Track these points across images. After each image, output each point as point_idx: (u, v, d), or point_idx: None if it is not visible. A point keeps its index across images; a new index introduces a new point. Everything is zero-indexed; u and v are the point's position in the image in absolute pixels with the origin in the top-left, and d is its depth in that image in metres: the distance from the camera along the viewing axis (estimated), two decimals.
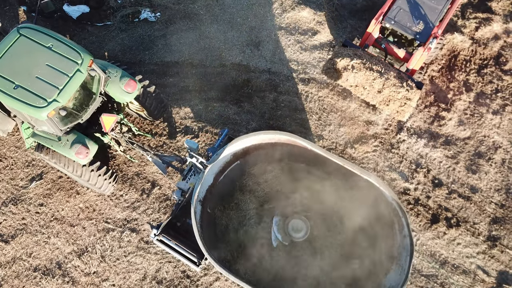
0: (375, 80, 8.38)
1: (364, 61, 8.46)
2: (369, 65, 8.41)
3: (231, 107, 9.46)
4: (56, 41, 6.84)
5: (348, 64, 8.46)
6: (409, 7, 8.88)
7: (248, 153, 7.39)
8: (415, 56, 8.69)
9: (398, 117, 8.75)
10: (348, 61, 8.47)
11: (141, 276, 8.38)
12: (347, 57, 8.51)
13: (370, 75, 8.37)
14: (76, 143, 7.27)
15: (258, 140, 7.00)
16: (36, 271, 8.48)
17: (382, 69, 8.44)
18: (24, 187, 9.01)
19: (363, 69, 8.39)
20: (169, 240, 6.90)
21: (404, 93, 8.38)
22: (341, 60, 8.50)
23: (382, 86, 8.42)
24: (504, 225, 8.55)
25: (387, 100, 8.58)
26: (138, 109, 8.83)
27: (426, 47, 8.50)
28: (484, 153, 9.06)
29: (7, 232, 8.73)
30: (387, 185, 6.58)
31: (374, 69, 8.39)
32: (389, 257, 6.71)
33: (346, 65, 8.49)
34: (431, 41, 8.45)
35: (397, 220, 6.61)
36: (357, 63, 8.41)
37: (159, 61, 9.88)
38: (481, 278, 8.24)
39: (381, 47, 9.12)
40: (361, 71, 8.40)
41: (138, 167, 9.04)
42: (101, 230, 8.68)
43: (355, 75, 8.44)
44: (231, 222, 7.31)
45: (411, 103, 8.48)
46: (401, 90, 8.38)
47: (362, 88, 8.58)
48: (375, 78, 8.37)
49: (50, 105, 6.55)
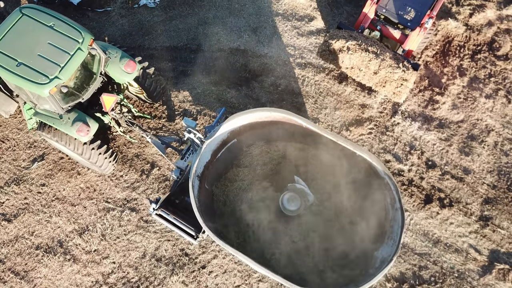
0: (371, 61, 8.35)
1: (359, 42, 8.42)
2: (364, 46, 8.37)
3: (228, 91, 9.64)
4: (57, 20, 7.03)
5: (344, 45, 8.43)
6: None
7: (245, 131, 7.57)
8: (411, 37, 8.72)
9: (395, 99, 8.75)
10: (343, 42, 8.43)
11: (141, 254, 8.57)
12: (342, 38, 8.48)
13: (365, 56, 8.33)
14: (77, 121, 7.46)
15: (254, 117, 7.17)
16: (38, 249, 8.68)
17: (377, 50, 8.41)
18: (26, 168, 9.21)
19: (359, 50, 8.35)
20: (167, 215, 7.09)
21: (401, 74, 8.36)
22: (336, 41, 8.47)
23: (378, 67, 8.38)
24: (496, 206, 8.74)
25: (383, 81, 8.56)
26: (138, 91, 9.02)
27: (422, 27, 8.54)
28: (477, 136, 9.24)
29: (9, 211, 8.93)
30: (379, 160, 6.75)
31: (369, 50, 8.35)
32: (382, 231, 6.89)
33: (342, 47, 8.46)
34: (427, 21, 8.47)
35: (389, 194, 6.80)
36: (352, 45, 8.37)
37: (158, 46, 10.07)
38: (473, 256, 8.43)
39: (376, 28, 9.13)
40: (356, 53, 8.36)
41: (138, 149, 9.24)
42: (102, 209, 8.88)
43: (350, 57, 8.42)
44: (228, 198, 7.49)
45: (407, 84, 8.45)
46: (397, 71, 8.35)
47: (358, 70, 8.56)
48: (371, 59, 8.34)
49: (52, 82, 6.75)
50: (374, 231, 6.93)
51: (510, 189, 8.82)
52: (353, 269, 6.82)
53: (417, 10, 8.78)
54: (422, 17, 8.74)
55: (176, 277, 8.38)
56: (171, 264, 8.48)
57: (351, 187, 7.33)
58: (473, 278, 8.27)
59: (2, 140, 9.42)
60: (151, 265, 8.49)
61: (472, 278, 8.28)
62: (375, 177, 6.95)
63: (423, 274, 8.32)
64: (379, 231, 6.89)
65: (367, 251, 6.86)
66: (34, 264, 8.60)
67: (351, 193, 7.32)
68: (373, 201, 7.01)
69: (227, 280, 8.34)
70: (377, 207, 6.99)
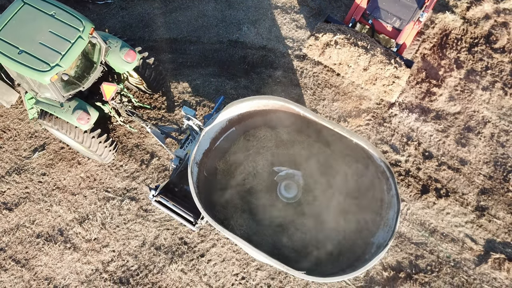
0: (360, 57, 7.85)
1: (348, 36, 7.90)
2: (353, 40, 7.87)
3: (228, 82, 9.74)
4: (58, 9, 7.12)
5: (331, 39, 7.93)
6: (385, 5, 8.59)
7: (243, 120, 7.66)
8: (405, 31, 8.48)
9: (386, 98, 8.22)
10: (331, 36, 7.91)
11: (140, 242, 8.67)
12: (330, 32, 7.99)
13: (355, 51, 7.81)
14: (78, 109, 7.55)
15: (253, 105, 7.26)
16: (39, 237, 8.78)
17: (368, 45, 7.90)
18: (27, 158, 9.31)
19: (347, 44, 7.84)
20: (166, 201, 7.18)
21: (392, 71, 7.85)
22: (323, 35, 7.97)
23: (368, 63, 7.89)
24: (492, 196, 8.82)
25: (373, 78, 8.05)
26: (137, 82, 9.11)
27: (416, 21, 8.35)
28: (473, 127, 9.33)
29: (11, 200, 9.03)
30: (375, 147, 6.84)
31: (359, 44, 7.84)
32: (378, 217, 6.99)
33: (329, 41, 7.95)
34: (421, 15, 8.28)
35: (385, 181, 6.89)
36: (340, 39, 7.86)
37: (158, 38, 10.16)
38: (469, 246, 8.51)
39: (368, 23, 8.78)
40: (345, 47, 7.85)
41: (138, 139, 9.33)
42: (102, 198, 8.97)
43: (338, 52, 7.93)
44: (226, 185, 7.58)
45: (399, 81, 7.94)
46: (389, 67, 7.84)
47: (347, 66, 8.07)
48: (360, 54, 7.83)
49: (53, 69, 6.83)
50: (371, 218, 7.03)
51: (506, 179, 8.91)
52: (350, 254, 6.91)
53: (402, 19, 8.41)
54: (406, 25, 8.38)
55: (175, 265, 8.47)
56: (170, 252, 8.57)
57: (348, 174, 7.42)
58: (469, 267, 8.36)
59: (3, 130, 9.51)
60: (151, 254, 8.59)
61: (468, 267, 8.36)
62: (371, 164, 7.05)
63: (420, 263, 8.41)
64: (376, 218, 6.98)
65: (363, 237, 6.95)
66: (35, 252, 8.69)
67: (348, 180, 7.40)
68: (370, 188, 7.10)
69: (225, 268, 8.43)
70: (373, 194, 7.08)
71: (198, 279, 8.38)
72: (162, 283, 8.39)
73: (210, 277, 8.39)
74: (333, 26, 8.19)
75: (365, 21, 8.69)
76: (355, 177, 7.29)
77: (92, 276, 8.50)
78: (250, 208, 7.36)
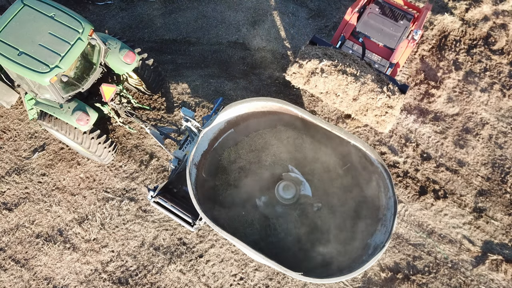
0: (348, 86, 7.03)
1: (335, 62, 7.07)
2: (341, 67, 7.04)
3: (227, 83, 9.77)
4: (58, 10, 7.17)
5: (317, 67, 7.07)
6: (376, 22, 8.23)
7: (242, 122, 7.70)
8: (399, 49, 7.82)
9: (379, 129, 7.45)
10: (317, 63, 7.06)
11: (139, 243, 8.71)
12: (315, 58, 7.14)
13: (343, 79, 6.99)
14: (77, 110, 7.59)
15: (251, 107, 7.29)
16: (39, 237, 8.82)
17: (357, 71, 7.08)
18: (27, 158, 9.35)
19: (335, 72, 6.99)
20: (165, 202, 7.22)
21: (385, 100, 7.05)
22: (308, 62, 7.10)
23: (357, 93, 7.08)
24: (489, 197, 8.85)
25: (364, 109, 7.28)
26: (137, 83, 9.15)
27: (410, 39, 7.84)
28: (471, 129, 9.36)
29: (10, 200, 9.08)
30: (372, 149, 6.87)
31: (347, 72, 7.01)
32: (375, 219, 7.02)
33: (314, 68, 7.10)
34: (415, 32, 7.74)
35: (382, 183, 6.92)
36: (327, 66, 7.02)
37: (158, 39, 10.20)
38: (466, 247, 8.54)
39: (358, 41, 8.14)
40: (332, 75, 7.00)
41: (137, 140, 9.37)
42: (101, 199, 9.01)
43: (325, 80, 7.09)
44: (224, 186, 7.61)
45: (393, 111, 7.19)
46: (381, 96, 7.03)
47: (334, 95, 7.24)
48: (349, 83, 7.02)
49: (53, 70, 6.88)
50: (368, 220, 7.06)
51: (504, 181, 8.94)
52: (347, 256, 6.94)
53: (394, 37, 7.99)
54: (399, 43, 7.97)
55: (173, 265, 8.51)
56: (169, 253, 8.61)
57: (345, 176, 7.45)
58: (467, 269, 8.39)
59: (3, 130, 9.56)
60: (149, 254, 8.63)
61: (466, 269, 8.39)
62: (369, 166, 7.07)
63: (417, 264, 8.44)
64: (373, 220, 7.01)
65: (361, 239, 6.98)
66: (35, 252, 8.73)
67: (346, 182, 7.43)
68: (367, 189, 7.13)
69: (224, 269, 8.47)
70: (371, 195, 7.11)
71: (197, 280, 8.42)
72: (161, 284, 8.43)
73: (208, 277, 8.43)
74: (319, 49, 7.38)
75: (355, 40, 8.14)
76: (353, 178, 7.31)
77: (91, 276, 8.54)
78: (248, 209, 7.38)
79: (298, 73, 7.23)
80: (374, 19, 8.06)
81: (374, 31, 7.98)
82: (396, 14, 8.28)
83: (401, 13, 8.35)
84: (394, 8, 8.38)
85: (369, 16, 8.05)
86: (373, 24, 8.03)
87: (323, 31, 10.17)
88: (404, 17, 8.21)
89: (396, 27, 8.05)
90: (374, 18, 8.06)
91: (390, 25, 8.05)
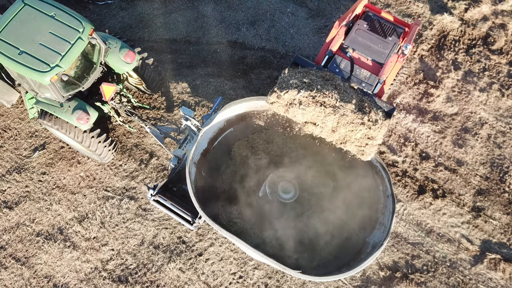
0: (327, 117, 6.69)
1: (313, 92, 6.65)
2: (320, 97, 6.64)
3: (226, 82, 9.81)
4: (58, 10, 7.20)
5: (294, 98, 6.72)
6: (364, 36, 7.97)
7: (242, 121, 7.73)
8: (388, 64, 7.55)
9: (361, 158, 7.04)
10: (294, 94, 6.69)
11: (139, 241, 8.75)
12: (293, 88, 6.75)
13: (320, 111, 6.65)
14: (78, 109, 7.63)
15: (250, 106, 7.32)
16: (39, 236, 8.87)
17: (337, 101, 6.63)
18: (28, 157, 9.40)
19: (312, 104, 6.64)
20: (165, 200, 7.26)
21: (365, 131, 6.71)
22: (286, 93, 6.73)
23: (336, 125, 6.74)
24: (488, 197, 8.89)
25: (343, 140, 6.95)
26: (137, 82, 9.18)
27: (400, 54, 7.65)
28: (470, 129, 9.39)
29: (11, 199, 9.12)
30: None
31: (326, 103, 6.63)
32: (374, 218, 7.06)
33: (292, 99, 6.76)
34: (405, 46, 7.57)
35: (381, 182, 6.96)
36: (305, 97, 6.64)
37: (158, 38, 10.24)
38: (465, 246, 8.58)
39: (346, 56, 7.87)
40: (309, 107, 6.67)
41: (137, 139, 9.41)
42: (101, 197, 9.05)
43: (303, 112, 6.76)
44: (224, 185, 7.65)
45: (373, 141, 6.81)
46: (361, 127, 6.69)
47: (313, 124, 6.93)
48: (327, 114, 6.65)
49: (53, 70, 6.92)
50: (367, 218, 7.09)
51: (502, 180, 8.97)
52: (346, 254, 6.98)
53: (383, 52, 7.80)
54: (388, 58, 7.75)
55: (173, 264, 8.55)
56: (168, 251, 8.65)
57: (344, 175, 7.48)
58: (465, 268, 8.43)
59: (4, 129, 9.60)
60: (149, 252, 8.67)
61: (464, 268, 8.43)
62: (368, 165, 7.11)
63: (416, 263, 8.48)
64: (372, 218, 7.04)
65: (359, 238, 7.02)
66: (35, 250, 8.78)
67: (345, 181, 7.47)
68: (366, 189, 7.17)
69: (223, 267, 8.51)
70: (369, 195, 7.14)
71: (196, 278, 8.46)
72: (161, 282, 8.47)
73: (208, 276, 8.47)
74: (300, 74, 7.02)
75: (343, 54, 7.91)
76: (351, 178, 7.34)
77: (91, 275, 8.59)
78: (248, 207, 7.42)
79: (277, 102, 6.94)
80: (362, 36, 7.90)
81: (362, 48, 7.81)
82: (385, 30, 8.10)
83: (390, 28, 8.12)
84: (383, 21, 8.19)
85: (357, 32, 7.91)
86: (361, 41, 7.88)
87: (322, 31, 10.20)
88: (394, 32, 8.04)
89: (385, 44, 7.86)
90: (362, 34, 7.90)
91: (379, 42, 7.87)
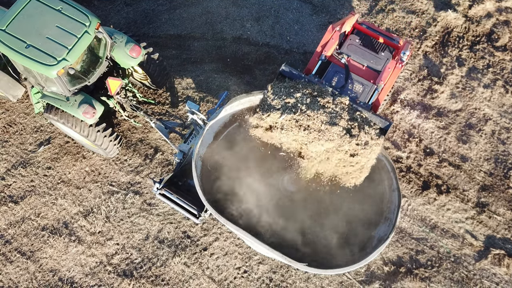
0: (312, 143, 6.15)
1: (297, 114, 6.01)
2: (304, 121, 6.01)
3: (231, 78, 9.84)
4: (65, 4, 7.24)
5: (276, 121, 6.17)
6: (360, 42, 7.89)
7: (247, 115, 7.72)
8: (386, 71, 7.28)
9: (351, 182, 6.79)
10: (277, 116, 6.12)
11: (144, 236, 8.78)
12: (275, 110, 6.20)
13: (304, 136, 6.08)
14: (84, 103, 7.66)
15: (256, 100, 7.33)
16: (44, 230, 8.90)
17: (322, 123, 6.00)
18: (33, 151, 9.43)
19: (295, 128, 6.07)
20: (171, 194, 7.28)
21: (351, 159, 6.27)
22: (267, 116, 6.23)
23: (321, 151, 6.28)
24: (492, 192, 8.90)
25: (328, 166, 6.57)
26: (142, 78, 9.21)
27: (397, 60, 7.54)
28: (474, 125, 9.40)
29: (16, 193, 9.16)
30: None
31: (310, 127, 6.02)
32: (379, 212, 7.08)
33: (274, 123, 6.25)
34: (403, 53, 7.43)
35: (386, 177, 6.98)
36: (287, 120, 6.06)
37: (163, 34, 10.27)
38: (469, 242, 8.60)
39: (341, 63, 7.67)
40: (292, 131, 6.12)
41: (142, 134, 9.44)
42: (106, 192, 9.09)
43: (287, 135, 6.25)
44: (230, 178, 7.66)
45: (361, 168, 6.38)
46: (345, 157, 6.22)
47: (298, 149, 6.50)
48: (312, 140, 6.11)
49: (60, 63, 6.95)
50: (372, 212, 7.11)
51: (506, 176, 8.99)
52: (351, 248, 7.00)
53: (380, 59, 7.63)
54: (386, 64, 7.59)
55: (178, 258, 8.58)
56: (173, 246, 8.68)
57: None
58: (469, 263, 8.45)
59: (9, 124, 9.64)
60: (154, 247, 8.70)
61: (468, 263, 8.45)
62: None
63: (420, 258, 8.50)
64: (377, 212, 7.07)
65: (365, 231, 7.04)
66: (40, 244, 8.81)
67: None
68: (371, 182, 7.18)
69: (228, 262, 8.54)
70: (375, 188, 7.16)
71: (201, 272, 8.49)
72: (165, 276, 8.50)
73: (212, 270, 8.49)
74: (284, 91, 6.46)
75: (338, 60, 7.63)
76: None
77: (96, 269, 8.62)
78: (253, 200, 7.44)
79: (259, 126, 6.49)
80: (355, 52, 7.74)
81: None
82: (376, 47, 7.97)
83: (382, 44, 7.99)
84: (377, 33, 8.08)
85: (349, 48, 7.75)
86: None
87: (326, 27, 10.21)
88: (386, 48, 7.91)
89: (377, 60, 7.75)
90: (354, 50, 7.73)
91: (371, 57, 7.72)
